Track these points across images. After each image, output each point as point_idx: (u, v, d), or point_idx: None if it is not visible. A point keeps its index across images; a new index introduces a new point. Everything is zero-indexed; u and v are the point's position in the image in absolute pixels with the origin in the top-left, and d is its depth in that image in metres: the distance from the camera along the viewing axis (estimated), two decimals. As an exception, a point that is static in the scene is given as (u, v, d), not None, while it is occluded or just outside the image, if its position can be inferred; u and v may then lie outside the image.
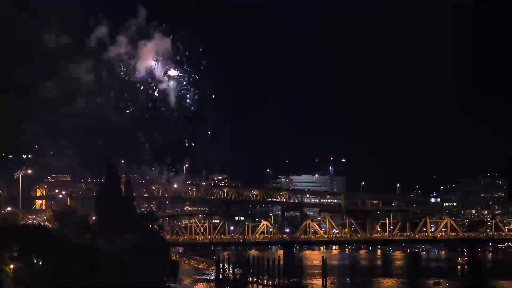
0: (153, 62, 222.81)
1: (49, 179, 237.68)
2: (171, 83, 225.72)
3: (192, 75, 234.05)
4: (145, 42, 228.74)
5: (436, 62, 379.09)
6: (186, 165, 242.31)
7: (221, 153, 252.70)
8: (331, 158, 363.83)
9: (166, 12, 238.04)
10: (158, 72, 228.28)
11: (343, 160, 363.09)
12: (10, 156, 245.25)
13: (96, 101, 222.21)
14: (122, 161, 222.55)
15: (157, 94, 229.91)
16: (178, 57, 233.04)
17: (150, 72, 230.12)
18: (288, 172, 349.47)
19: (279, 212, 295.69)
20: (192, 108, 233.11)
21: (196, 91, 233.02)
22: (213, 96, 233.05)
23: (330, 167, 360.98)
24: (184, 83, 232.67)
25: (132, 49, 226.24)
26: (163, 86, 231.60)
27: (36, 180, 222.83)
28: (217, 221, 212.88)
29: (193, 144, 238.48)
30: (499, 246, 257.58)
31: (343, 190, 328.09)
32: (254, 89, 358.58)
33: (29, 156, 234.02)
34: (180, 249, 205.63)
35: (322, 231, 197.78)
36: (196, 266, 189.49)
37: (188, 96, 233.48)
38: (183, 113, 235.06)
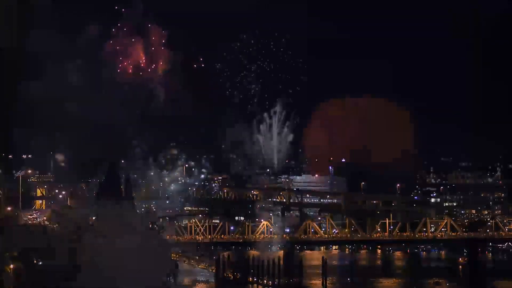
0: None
1: (33, 179, 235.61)
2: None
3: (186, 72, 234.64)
4: (139, 38, 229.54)
5: (436, 61, 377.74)
6: (186, 165, 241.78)
7: (221, 152, 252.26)
8: (331, 158, 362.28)
9: (164, 12, 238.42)
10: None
11: (343, 160, 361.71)
12: (10, 156, 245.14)
13: (89, 100, 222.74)
14: (122, 161, 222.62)
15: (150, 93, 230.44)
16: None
17: (142, 69, 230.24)
18: (288, 172, 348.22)
19: (279, 212, 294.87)
20: (183, 108, 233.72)
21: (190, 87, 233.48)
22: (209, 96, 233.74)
23: (330, 167, 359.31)
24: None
25: (125, 47, 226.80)
26: (155, 83, 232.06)
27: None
28: (217, 221, 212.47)
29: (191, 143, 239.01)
30: (499, 246, 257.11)
31: (343, 190, 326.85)
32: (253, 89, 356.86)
33: (29, 156, 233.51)
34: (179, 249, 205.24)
35: (322, 231, 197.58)
36: (196, 266, 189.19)
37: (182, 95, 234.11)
38: (178, 113, 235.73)
